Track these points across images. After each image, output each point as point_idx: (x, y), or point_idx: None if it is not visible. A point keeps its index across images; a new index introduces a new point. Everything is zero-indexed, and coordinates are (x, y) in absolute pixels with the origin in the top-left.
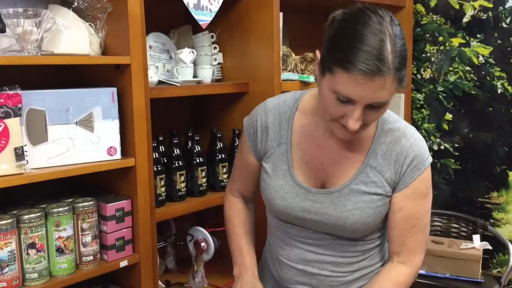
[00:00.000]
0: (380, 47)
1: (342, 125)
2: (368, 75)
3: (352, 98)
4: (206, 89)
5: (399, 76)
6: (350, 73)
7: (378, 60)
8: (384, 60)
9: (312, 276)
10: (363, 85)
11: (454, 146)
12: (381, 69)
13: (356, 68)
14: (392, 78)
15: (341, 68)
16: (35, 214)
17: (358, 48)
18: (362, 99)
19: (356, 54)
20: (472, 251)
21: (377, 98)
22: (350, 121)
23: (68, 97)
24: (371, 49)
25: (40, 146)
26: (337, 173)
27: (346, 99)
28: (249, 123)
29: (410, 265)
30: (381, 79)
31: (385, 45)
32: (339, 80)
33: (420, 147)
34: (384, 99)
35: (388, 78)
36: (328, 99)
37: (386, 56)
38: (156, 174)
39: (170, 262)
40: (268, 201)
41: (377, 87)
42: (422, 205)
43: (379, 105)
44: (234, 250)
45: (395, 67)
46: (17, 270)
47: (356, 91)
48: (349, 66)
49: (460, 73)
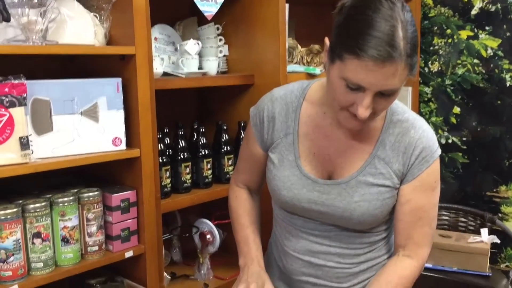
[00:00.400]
0: (391, 33)
1: (351, 114)
2: (379, 61)
3: (362, 85)
4: (212, 81)
5: (410, 63)
6: (360, 60)
7: (389, 46)
8: (396, 46)
9: (318, 267)
10: (373, 72)
11: (462, 140)
12: (392, 55)
13: (367, 54)
14: (403, 65)
15: (352, 54)
16: (40, 204)
17: (369, 34)
18: (373, 86)
19: (367, 40)
20: (480, 245)
21: (388, 85)
22: (360, 109)
23: (73, 87)
24: (382, 35)
25: (45, 136)
26: (345, 164)
27: (356, 86)
28: (256, 113)
29: (416, 259)
30: (392, 65)
31: (396, 31)
32: (349, 67)
33: (429, 138)
34: (394, 86)
35: (399, 64)
36: (338, 87)
37: (398, 42)
38: (162, 166)
39: (176, 255)
40: (274, 192)
41: (388, 73)
42: (430, 198)
43: (389, 92)
44: (239, 240)
45: (406, 54)
46: (22, 259)
47: (366, 78)
48: (359, 52)
49: (468, 66)
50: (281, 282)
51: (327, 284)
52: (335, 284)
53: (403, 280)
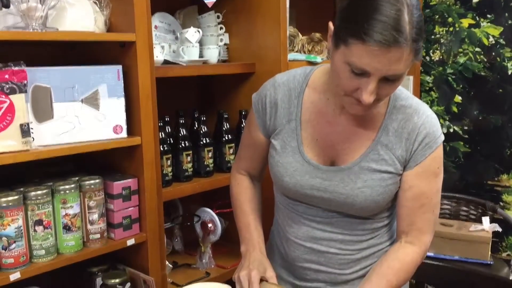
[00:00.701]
0: (397, 17)
1: (356, 100)
2: (384, 46)
3: (367, 70)
4: (212, 69)
5: (415, 48)
6: (366, 44)
7: (395, 31)
8: (402, 30)
9: (320, 254)
10: (379, 57)
11: (463, 129)
12: (398, 40)
13: (373, 39)
14: (409, 50)
15: (357, 39)
16: (41, 191)
17: (374, 18)
18: (378, 71)
19: (372, 24)
20: (481, 233)
21: (393, 70)
22: (364, 94)
23: (73, 74)
24: (388, 19)
25: (46, 123)
26: (348, 151)
27: (360, 71)
28: (258, 99)
29: (418, 245)
30: (398, 50)
31: (402, 15)
32: (354, 52)
33: (432, 124)
34: (399, 72)
35: (405, 49)
36: (342, 72)
37: (404, 27)
38: (163, 154)
39: (178, 244)
40: (276, 179)
41: (393, 58)
42: (433, 184)
43: (394, 77)
44: (241, 227)
45: (412, 38)
46: (24, 247)
47: (371, 63)
48: (365, 37)
49: (470, 54)
50: (283, 269)
51: (329, 270)
52: (337, 271)
53: (405, 266)
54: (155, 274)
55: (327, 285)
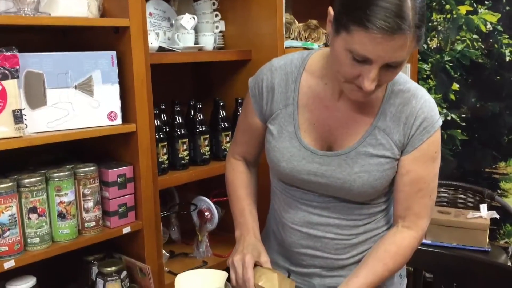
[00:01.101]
0: (400, 3)
1: (356, 86)
2: (388, 33)
3: (370, 57)
4: (208, 56)
5: (418, 34)
6: (368, 32)
7: (398, 18)
8: (405, 17)
9: (317, 239)
10: (381, 44)
11: (461, 117)
12: (401, 27)
13: (376, 26)
14: (412, 36)
15: (359, 26)
16: (35, 178)
17: (377, 5)
18: (380, 59)
19: (375, 11)
20: (479, 220)
21: (396, 58)
22: (366, 81)
23: (66, 60)
24: (391, 6)
25: (39, 110)
26: (345, 136)
27: (362, 58)
28: (254, 84)
29: (415, 230)
30: (401, 37)
31: (405, 1)
32: (356, 39)
33: (430, 108)
34: (402, 58)
35: (408, 36)
36: (343, 59)
37: (407, 13)
38: (158, 142)
39: (174, 233)
40: (273, 164)
41: (396, 46)
42: (430, 169)
43: (396, 64)
44: (235, 212)
45: (415, 25)
46: (18, 235)
47: (374, 51)
48: (367, 24)
49: (468, 41)
50: (280, 255)
51: (326, 255)
52: (333, 256)
53: (401, 251)
54: (152, 262)
55: (323, 270)
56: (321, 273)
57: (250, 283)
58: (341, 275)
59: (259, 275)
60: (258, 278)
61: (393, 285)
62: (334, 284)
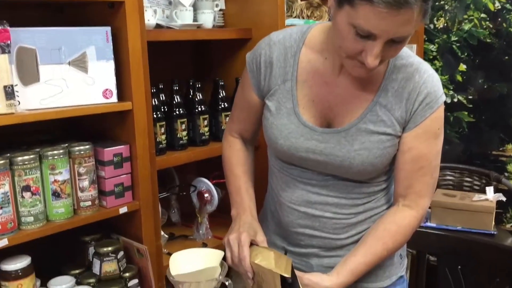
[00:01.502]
0: None
1: (359, 62)
2: (394, 8)
3: (374, 32)
4: (207, 34)
5: (425, 8)
6: (374, 6)
7: None
8: None
9: (315, 218)
10: (387, 19)
11: (467, 98)
12: (408, 1)
13: (381, 0)
14: (419, 10)
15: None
16: (28, 156)
17: None
18: (385, 34)
19: None
20: (485, 203)
21: (401, 33)
22: (369, 57)
23: (59, 35)
24: None
25: (32, 86)
26: (345, 112)
27: (366, 34)
28: (252, 58)
29: (416, 209)
30: (407, 12)
31: None
32: (361, 13)
33: (434, 84)
34: (407, 33)
35: (415, 10)
36: (346, 34)
37: None
38: (156, 121)
39: (175, 216)
40: (270, 141)
41: (402, 20)
42: (433, 146)
43: (401, 39)
44: (232, 191)
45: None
46: (11, 213)
47: (379, 25)
48: None
49: (475, 21)
50: (277, 236)
51: (324, 235)
52: (332, 236)
53: (401, 230)
54: (149, 243)
55: (321, 250)
56: (319, 253)
57: (246, 262)
58: (339, 255)
59: (255, 254)
60: (254, 257)
61: (393, 265)
62: (332, 264)
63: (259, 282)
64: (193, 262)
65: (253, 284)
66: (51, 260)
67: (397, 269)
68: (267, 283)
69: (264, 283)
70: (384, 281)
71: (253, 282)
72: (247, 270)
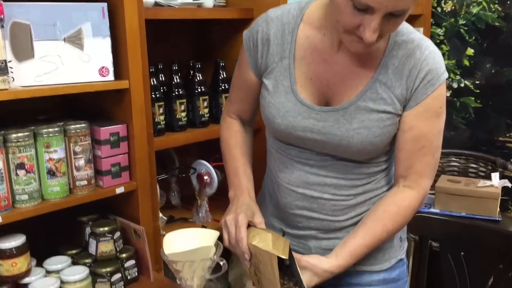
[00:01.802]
0: None
1: (357, 37)
2: None
3: (372, 5)
4: (207, 13)
5: None
6: None
7: None
8: None
9: (313, 200)
10: None
11: (474, 83)
12: None
13: None
14: None
15: None
16: (23, 133)
17: None
18: (383, 7)
19: None
20: (490, 189)
21: (400, 6)
22: (367, 32)
23: (54, 11)
24: None
25: (26, 62)
26: (344, 90)
27: (364, 7)
28: (249, 36)
29: (417, 190)
30: None
31: None
32: None
33: (435, 60)
34: (406, 6)
35: None
36: (343, 8)
37: None
38: (154, 101)
39: (175, 198)
40: (268, 121)
41: None
42: (434, 125)
43: (400, 13)
44: (229, 172)
45: None
46: (5, 191)
47: None
48: None
49: (484, 3)
50: (275, 218)
51: (322, 217)
52: (330, 217)
53: (401, 211)
54: (147, 224)
55: (319, 232)
56: (317, 235)
57: (243, 243)
58: (338, 237)
59: (253, 235)
60: (252, 238)
61: (393, 247)
62: (331, 247)
63: (256, 263)
64: (187, 242)
65: (250, 265)
66: (48, 241)
67: (396, 252)
68: (264, 264)
69: (261, 264)
70: (383, 264)
71: (250, 264)
72: (244, 251)
